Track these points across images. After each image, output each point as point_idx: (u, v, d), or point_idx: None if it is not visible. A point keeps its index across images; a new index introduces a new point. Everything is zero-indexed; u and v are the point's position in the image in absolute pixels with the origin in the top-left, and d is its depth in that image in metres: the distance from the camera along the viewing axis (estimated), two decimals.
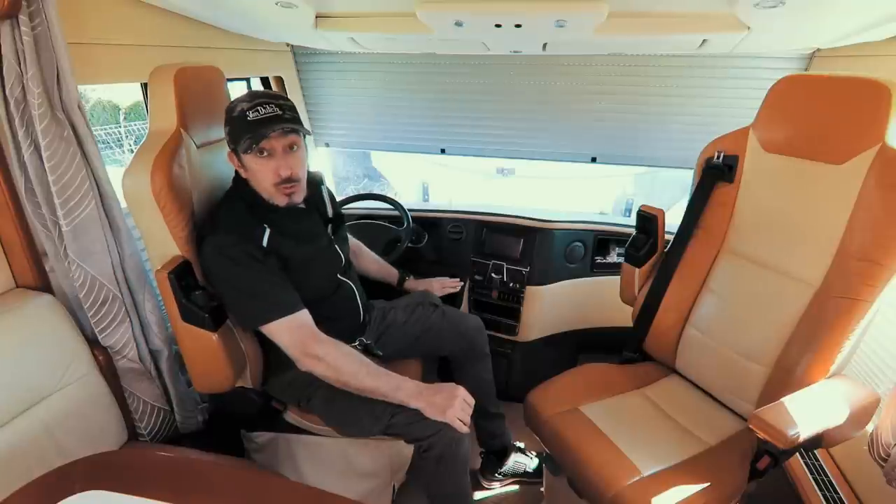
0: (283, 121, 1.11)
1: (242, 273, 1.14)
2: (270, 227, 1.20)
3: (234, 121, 1.13)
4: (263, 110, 1.10)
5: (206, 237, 1.16)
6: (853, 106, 1.10)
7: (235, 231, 1.16)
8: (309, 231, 1.32)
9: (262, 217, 1.20)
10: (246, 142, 1.10)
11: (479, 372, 1.57)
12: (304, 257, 1.26)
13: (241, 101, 1.14)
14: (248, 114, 1.10)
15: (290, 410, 1.39)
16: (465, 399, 1.17)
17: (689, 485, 1.05)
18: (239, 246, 1.14)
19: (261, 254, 1.17)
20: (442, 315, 1.56)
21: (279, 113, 1.11)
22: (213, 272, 1.17)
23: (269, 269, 1.17)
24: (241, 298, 1.17)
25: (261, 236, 1.18)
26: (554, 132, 2.15)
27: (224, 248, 1.14)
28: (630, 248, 1.49)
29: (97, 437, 1.21)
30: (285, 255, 1.21)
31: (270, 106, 1.11)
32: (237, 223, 1.17)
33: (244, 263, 1.14)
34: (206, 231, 1.18)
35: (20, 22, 0.99)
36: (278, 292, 1.17)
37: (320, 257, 1.34)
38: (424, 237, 2.03)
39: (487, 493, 1.70)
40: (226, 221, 1.18)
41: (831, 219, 1.13)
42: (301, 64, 2.27)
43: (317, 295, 1.29)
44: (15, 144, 1.07)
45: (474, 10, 1.22)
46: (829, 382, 1.09)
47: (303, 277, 1.24)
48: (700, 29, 1.30)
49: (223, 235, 1.15)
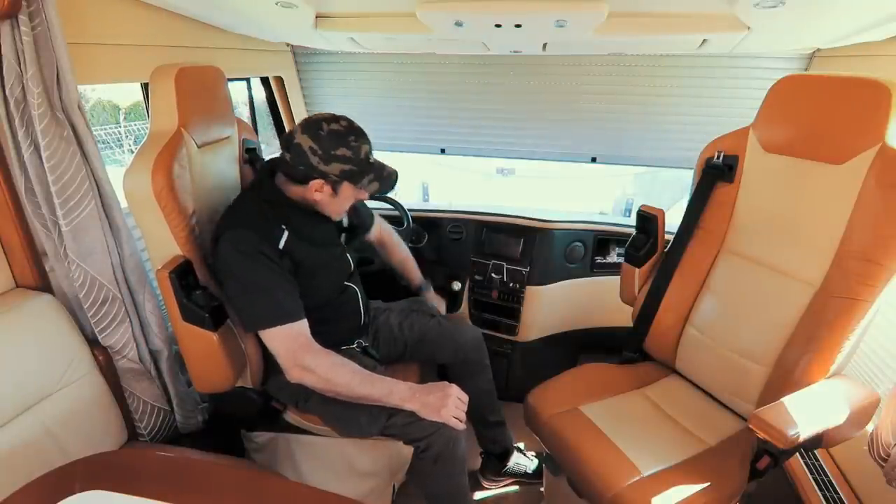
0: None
1: (253, 271, 1.15)
2: (289, 229, 1.21)
3: (362, 163, 1.19)
4: (387, 167, 1.24)
5: (225, 232, 1.18)
6: (853, 106, 1.10)
7: (254, 229, 1.17)
8: (323, 237, 1.33)
9: (282, 218, 1.22)
10: (372, 185, 1.22)
11: (477, 383, 1.55)
12: (316, 262, 1.27)
13: (362, 140, 1.20)
14: (371, 159, 1.21)
15: (290, 410, 1.39)
16: (459, 396, 1.18)
17: (688, 485, 1.05)
18: (256, 244, 1.15)
19: (276, 255, 1.17)
20: (438, 325, 1.55)
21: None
22: (225, 267, 1.17)
23: (279, 272, 1.17)
24: (247, 297, 1.17)
25: (279, 238, 1.20)
26: (554, 132, 2.15)
27: (241, 243, 1.15)
28: (630, 248, 1.49)
29: (97, 437, 1.21)
30: (298, 258, 1.22)
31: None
32: (257, 222, 1.19)
33: (257, 262, 1.15)
34: (225, 227, 1.20)
35: (20, 22, 0.99)
36: (283, 297, 1.17)
37: (331, 263, 1.36)
38: (424, 237, 2.03)
39: (487, 494, 1.70)
40: (246, 219, 1.19)
41: (831, 219, 1.13)
42: (301, 64, 2.27)
43: (322, 299, 1.30)
44: (15, 144, 1.07)
45: (474, 10, 1.22)
46: (829, 382, 1.09)
47: (311, 281, 1.25)
48: (700, 29, 1.30)
49: (242, 231, 1.16)
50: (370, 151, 1.21)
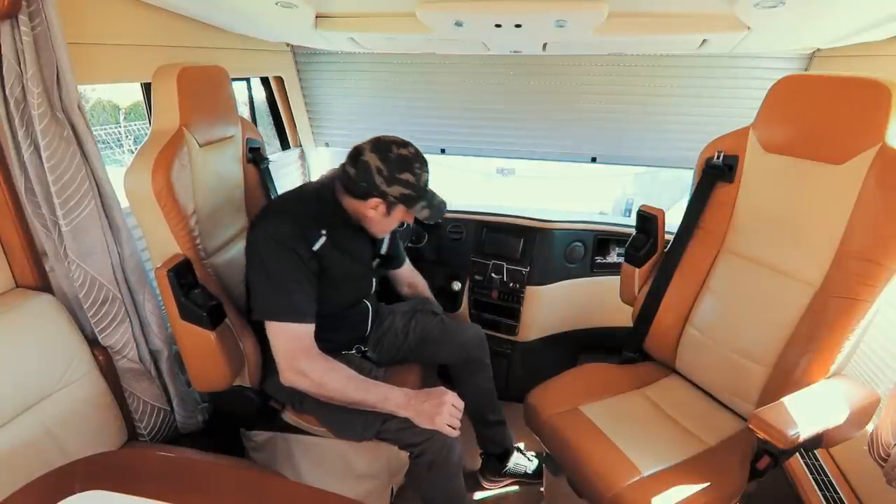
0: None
1: (280, 263, 1.16)
2: (328, 234, 1.23)
3: (420, 190, 1.22)
4: (437, 197, 1.28)
5: (266, 218, 1.21)
6: (853, 106, 1.10)
7: (293, 224, 1.19)
8: (356, 252, 1.34)
9: (326, 223, 1.24)
10: (423, 211, 1.24)
11: (478, 382, 1.56)
12: (343, 273, 1.29)
13: (425, 169, 1.23)
14: (427, 188, 1.24)
15: (288, 410, 1.39)
16: (454, 404, 1.17)
17: (689, 485, 1.05)
18: (290, 239, 1.17)
19: (306, 255, 1.19)
20: (441, 323, 1.56)
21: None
22: (255, 251, 1.19)
23: (304, 272, 1.18)
24: (267, 285, 1.17)
25: (315, 240, 1.21)
26: (554, 132, 2.15)
27: (277, 234, 1.16)
28: (630, 248, 1.49)
29: (97, 437, 1.21)
30: (327, 264, 1.24)
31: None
32: (300, 218, 1.20)
33: (287, 255, 1.16)
34: (268, 212, 1.24)
35: (20, 22, 0.99)
36: (300, 296, 1.18)
37: (356, 279, 1.38)
38: (424, 237, 2.03)
39: (487, 494, 1.70)
40: (291, 212, 1.22)
41: (831, 219, 1.13)
42: (301, 64, 2.27)
43: (335, 308, 1.31)
44: (15, 144, 1.07)
45: (474, 10, 1.22)
46: (829, 382, 1.09)
47: (332, 290, 1.27)
48: (700, 29, 1.30)
49: (281, 223, 1.18)
50: (428, 181, 1.24)
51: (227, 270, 1.40)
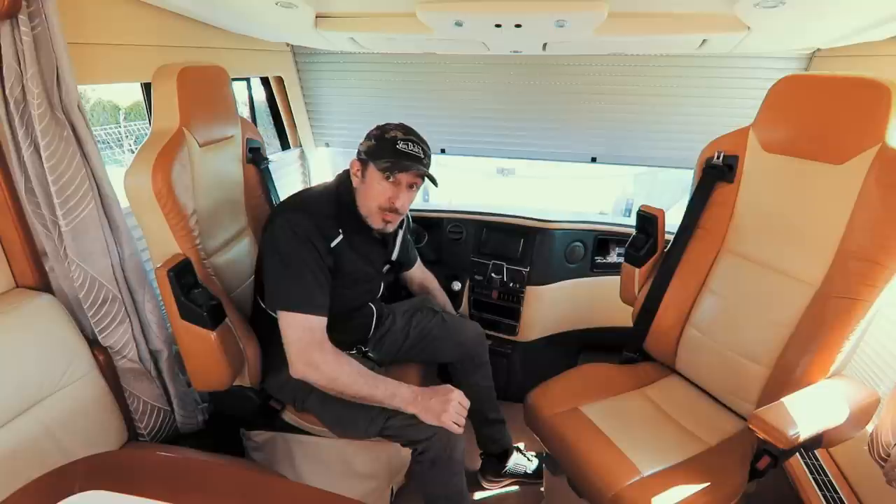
0: (421, 164, 1.23)
1: (299, 254, 1.17)
2: (344, 234, 1.25)
3: (384, 141, 1.21)
4: (411, 147, 1.21)
5: (287, 209, 1.22)
6: (853, 106, 1.10)
7: (315, 219, 1.20)
8: (368, 255, 1.35)
9: (343, 223, 1.25)
10: (386, 163, 1.20)
11: (477, 380, 1.57)
12: (355, 275, 1.31)
13: (396, 128, 1.24)
14: (398, 143, 1.21)
15: (288, 410, 1.39)
16: (460, 401, 1.18)
17: (689, 485, 1.05)
18: (310, 232, 1.18)
19: (325, 251, 1.20)
20: (441, 321, 1.57)
21: (422, 157, 1.23)
22: (273, 242, 1.19)
23: (321, 266, 1.20)
24: (283, 275, 1.18)
25: (333, 238, 1.23)
26: (554, 132, 2.15)
27: (298, 226, 1.17)
28: (630, 248, 1.49)
29: (97, 437, 1.21)
30: (341, 263, 1.25)
31: (419, 147, 1.23)
32: (320, 215, 1.22)
33: (306, 248, 1.17)
34: (288, 205, 1.26)
35: (20, 22, 0.99)
36: (315, 289, 1.19)
37: (367, 282, 1.39)
38: (424, 237, 2.03)
39: (487, 494, 1.70)
40: (312, 207, 1.23)
41: (831, 219, 1.13)
42: (301, 64, 2.27)
43: (341, 308, 1.31)
44: (15, 144, 1.07)
45: (474, 10, 1.22)
46: (829, 382, 1.09)
47: (342, 290, 1.27)
48: (700, 29, 1.30)
49: (302, 216, 1.19)
50: (400, 140, 1.21)
51: (227, 270, 1.40)
